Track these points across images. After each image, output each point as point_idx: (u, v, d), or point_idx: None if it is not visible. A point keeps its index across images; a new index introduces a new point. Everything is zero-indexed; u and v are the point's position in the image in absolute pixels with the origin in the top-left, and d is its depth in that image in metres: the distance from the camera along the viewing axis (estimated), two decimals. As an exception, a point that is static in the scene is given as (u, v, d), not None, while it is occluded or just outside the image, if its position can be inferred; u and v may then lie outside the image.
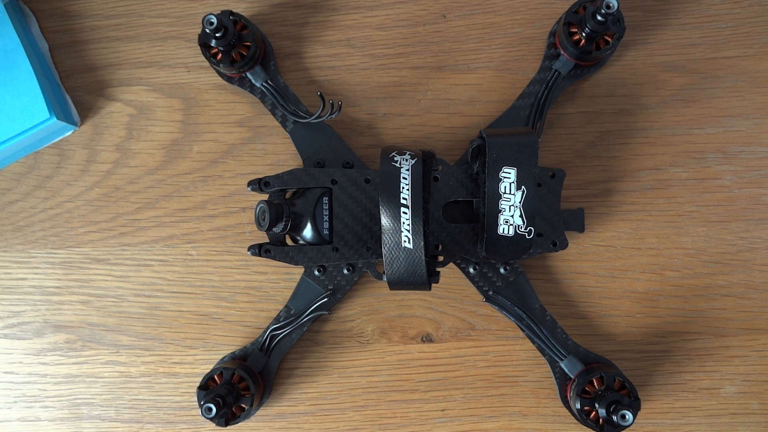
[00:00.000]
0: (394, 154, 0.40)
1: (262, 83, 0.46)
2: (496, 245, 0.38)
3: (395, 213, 0.38)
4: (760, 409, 0.48)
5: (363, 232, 0.44)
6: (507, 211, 0.36)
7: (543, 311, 0.46)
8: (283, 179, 0.44)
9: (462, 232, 0.43)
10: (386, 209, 0.38)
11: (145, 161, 0.49)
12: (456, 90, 0.49)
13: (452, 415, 0.48)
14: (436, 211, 0.43)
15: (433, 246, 0.43)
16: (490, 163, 0.36)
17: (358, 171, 0.44)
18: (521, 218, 0.36)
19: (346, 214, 0.44)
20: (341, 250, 0.44)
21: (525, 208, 0.36)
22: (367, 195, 0.44)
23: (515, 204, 0.36)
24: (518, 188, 0.36)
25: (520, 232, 0.36)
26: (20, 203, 0.49)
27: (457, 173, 0.42)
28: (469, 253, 0.43)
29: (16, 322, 0.49)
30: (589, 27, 0.43)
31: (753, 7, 0.48)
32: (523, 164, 0.36)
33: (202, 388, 0.44)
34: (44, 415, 0.49)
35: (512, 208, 0.36)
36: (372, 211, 0.44)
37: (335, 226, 0.44)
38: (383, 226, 0.38)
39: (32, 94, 0.46)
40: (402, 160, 0.39)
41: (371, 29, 0.49)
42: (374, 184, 0.44)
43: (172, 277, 0.49)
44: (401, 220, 0.38)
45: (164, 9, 0.49)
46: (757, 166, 0.48)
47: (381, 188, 0.39)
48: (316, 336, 0.48)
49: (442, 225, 0.42)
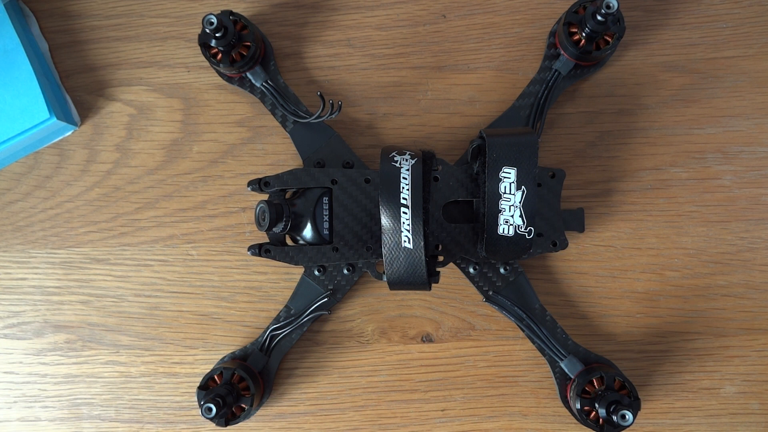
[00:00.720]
0: (394, 154, 0.40)
1: (262, 83, 0.46)
2: (496, 245, 0.38)
3: (395, 213, 0.38)
4: (760, 409, 0.48)
5: (363, 232, 0.44)
6: (507, 211, 0.36)
7: (543, 311, 0.46)
8: (284, 179, 0.44)
9: (462, 232, 0.43)
10: (386, 209, 0.38)
11: (145, 161, 0.49)
12: (456, 90, 0.49)
13: (452, 415, 0.48)
14: (436, 211, 0.43)
15: (433, 246, 0.43)
16: (490, 163, 0.36)
17: (358, 171, 0.44)
18: (521, 218, 0.36)
19: (346, 214, 0.44)
20: (341, 250, 0.44)
21: (525, 208, 0.36)
22: (367, 195, 0.44)
23: (515, 204, 0.36)
24: (518, 188, 0.36)
25: (520, 232, 0.36)
26: (20, 203, 0.49)
27: (457, 173, 0.42)
28: (469, 253, 0.43)
29: (16, 322, 0.49)
30: (589, 27, 0.43)
31: (753, 7, 0.48)
32: (523, 164, 0.36)
33: (202, 388, 0.44)
34: (44, 415, 0.49)
35: (512, 208, 0.36)
36: (372, 211, 0.44)
37: (335, 226, 0.44)
38: (383, 226, 0.38)
39: (32, 94, 0.46)
40: (402, 160, 0.39)
41: (371, 29, 0.49)
42: (374, 184, 0.44)
43: (172, 277, 0.49)
44: (401, 220, 0.38)
45: (164, 9, 0.49)
46: (757, 166, 0.48)
47: (381, 188, 0.39)
48: (316, 336, 0.48)
49: (442, 225, 0.42)
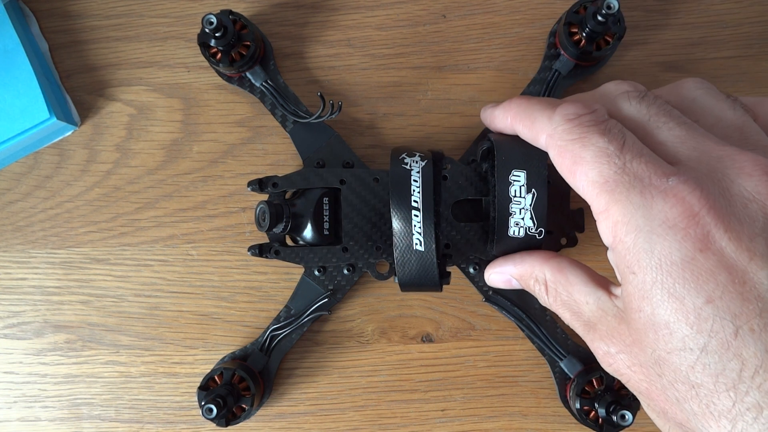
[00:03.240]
0: (404, 156, 0.39)
1: (262, 83, 0.46)
2: (507, 246, 0.38)
3: (406, 216, 0.38)
4: (759, 409, 0.48)
5: (373, 232, 0.44)
6: (517, 214, 0.36)
7: (543, 311, 0.46)
8: (292, 180, 0.44)
9: (471, 230, 0.42)
10: (397, 212, 0.38)
11: (145, 161, 0.49)
12: (456, 90, 0.49)
13: (452, 415, 0.48)
14: (445, 210, 0.42)
15: (443, 245, 0.42)
16: (499, 167, 0.36)
17: (366, 171, 0.44)
18: (532, 220, 0.36)
19: (355, 214, 0.43)
20: (351, 250, 0.44)
21: (535, 211, 0.36)
22: (376, 195, 0.44)
23: (525, 207, 0.36)
24: (528, 191, 0.35)
25: (530, 233, 0.36)
26: (20, 203, 0.49)
27: (466, 171, 0.41)
28: (479, 251, 0.42)
29: (16, 322, 0.49)
30: (590, 27, 0.43)
31: (753, 7, 0.48)
32: (533, 167, 0.36)
33: (202, 389, 0.44)
34: (44, 415, 0.49)
35: (522, 211, 0.36)
36: (381, 210, 0.44)
37: (344, 227, 0.43)
38: (394, 229, 0.38)
39: (32, 94, 0.46)
40: (412, 162, 0.39)
41: (371, 29, 0.49)
42: (383, 183, 0.44)
43: (172, 277, 0.49)
44: (412, 223, 0.38)
45: (164, 9, 0.49)
46: (757, 166, 0.48)
47: (391, 191, 0.38)
48: (316, 336, 0.48)
49: (452, 224, 0.41)
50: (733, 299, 0.23)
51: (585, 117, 0.29)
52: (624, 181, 0.26)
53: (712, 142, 0.27)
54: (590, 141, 0.28)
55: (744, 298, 0.23)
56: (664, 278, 0.24)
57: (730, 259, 0.24)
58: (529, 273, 0.35)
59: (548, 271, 0.34)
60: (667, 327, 0.24)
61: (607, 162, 0.27)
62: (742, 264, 0.23)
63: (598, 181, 0.27)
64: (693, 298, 0.24)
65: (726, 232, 0.24)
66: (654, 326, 0.25)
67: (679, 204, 0.25)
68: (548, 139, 0.30)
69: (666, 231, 0.25)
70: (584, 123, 0.29)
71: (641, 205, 0.25)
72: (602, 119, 0.29)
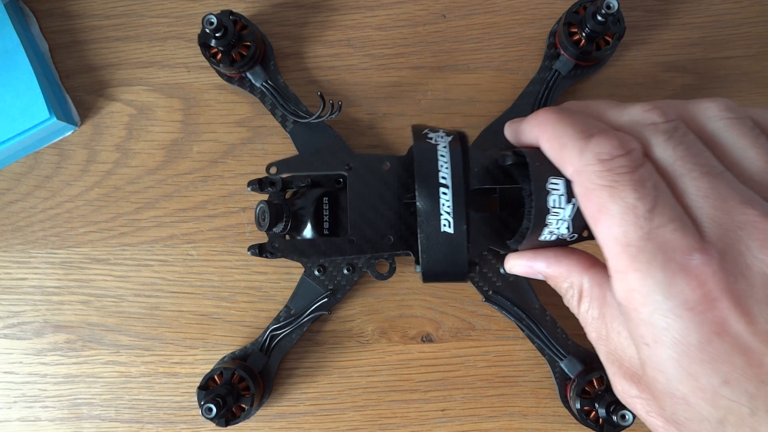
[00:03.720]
0: (427, 131, 0.36)
1: (262, 83, 0.46)
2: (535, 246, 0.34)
3: (433, 194, 0.34)
4: (760, 409, 0.47)
5: (381, 223, 0.41)
6: (554, 224, 0.32)
7: (543, 311, 0.46)
8: (290, 164, 0.42)
9: (488, 222, 0.38)
10: (422, 190, 0.34)
11: (145, 161, 0.49)
12: (456, 90, 0.49)
13: (452, 415, 0.48)
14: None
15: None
16: (534, 175, 0.32)
17: (375, 155, 0.41)
18: (568, 229, 0.32)
19: (362, 202, 0.41)
20: (358, 242, 0.41)
21: (575, 221, 0.32)
22: (386, 181, 0.41)
23: (564, 218, 0.32)
24: (569, 201, 0.31)
25: (562, 237, 0.33)
26: (20, 203, 0.49)
27: (482, 158, 0.38)
28: (497, 244, 0.39)
29: (16, 322, 0.49)
30: (590, 27, 0.43)
31: (753, 7, 0.48)
32: None
33: (202, 389, 0.44)
34: (44, 415, 0.49)
35: (560, 222, 0.32)
36: (391, 200, 0.41)
37: (350, 216, 0.41)
38: (419, 210, 0.34)
39: (32, 94, 0.46)
40: (437, 137, 0.36)
41: (371, 29, 0.49)
42: (393, 169, 0.41)
43: (172, 277, 0.49)
44: (440, 202, 0.34)
45: (164, 9, 0.49)
46: (757, 166, 0.48)
47: (416, 167, 0.34)
48: (316, 336, 0.48)
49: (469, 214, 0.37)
50: (750, 381, 0.23)
51: (619, 160, 0.26)
52: (648, 249, 0.25)
53: (735, 201, 0.25)
54: (620, 194, 0.26)
55: (760, 380, 0.23)
56: (681, 357, 0.24)
57: (747, 342, 0.24)
58: (564, 276, 0.33)
59: (587, 281, 0.31)
60: (684, 400, 0.25)
61: (634, 223, 0.25)
62: (759, 347, 0.24)
63: (621, 240, 0.26)
64: (709, 378, 0.24)
65: (742, 317, 0.24)
66: (671, 396, 0.25)
67: (700, 288, 0.24)
68: (575, 174, 0.28)
69: (684, 312, 0.24)
70: (617, 169, 0.26)
71: (662, 281, 0.25)
72: (636, 165, 0.26)
